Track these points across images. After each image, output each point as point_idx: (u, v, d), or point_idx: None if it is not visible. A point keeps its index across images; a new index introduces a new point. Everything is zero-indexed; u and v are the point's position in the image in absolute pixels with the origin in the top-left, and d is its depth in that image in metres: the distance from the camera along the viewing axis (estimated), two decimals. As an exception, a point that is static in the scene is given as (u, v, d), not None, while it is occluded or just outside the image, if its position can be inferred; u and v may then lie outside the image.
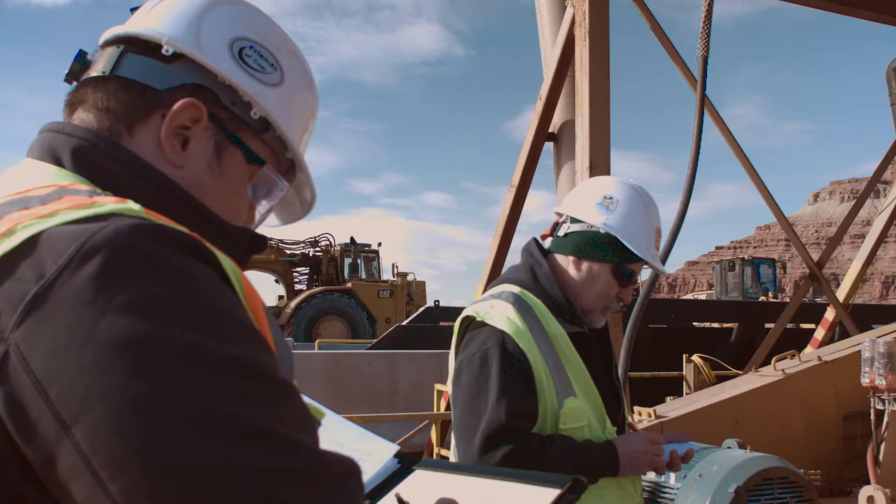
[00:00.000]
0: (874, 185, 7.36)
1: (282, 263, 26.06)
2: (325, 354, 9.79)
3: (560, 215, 2.25)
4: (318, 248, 26.33)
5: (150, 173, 0.96)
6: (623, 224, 2.13)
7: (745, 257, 25.91)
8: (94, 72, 1.03)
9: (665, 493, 3.70)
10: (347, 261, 25.86)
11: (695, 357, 7.69)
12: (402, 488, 1.33)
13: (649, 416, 4.63)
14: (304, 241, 26.44)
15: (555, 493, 1.17)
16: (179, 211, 0.94)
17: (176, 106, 0.99)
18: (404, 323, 14.80)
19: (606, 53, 5.71)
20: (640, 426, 4.56)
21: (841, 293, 8.05)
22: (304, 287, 25.93)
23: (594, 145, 5.52)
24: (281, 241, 26.32)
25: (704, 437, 3.97)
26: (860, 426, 5.14)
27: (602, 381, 2.14)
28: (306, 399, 0.92)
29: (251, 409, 0.73)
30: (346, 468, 0.81)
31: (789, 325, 12.46)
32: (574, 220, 2.18)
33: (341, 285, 24.94)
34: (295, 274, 26.40)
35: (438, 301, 21.23)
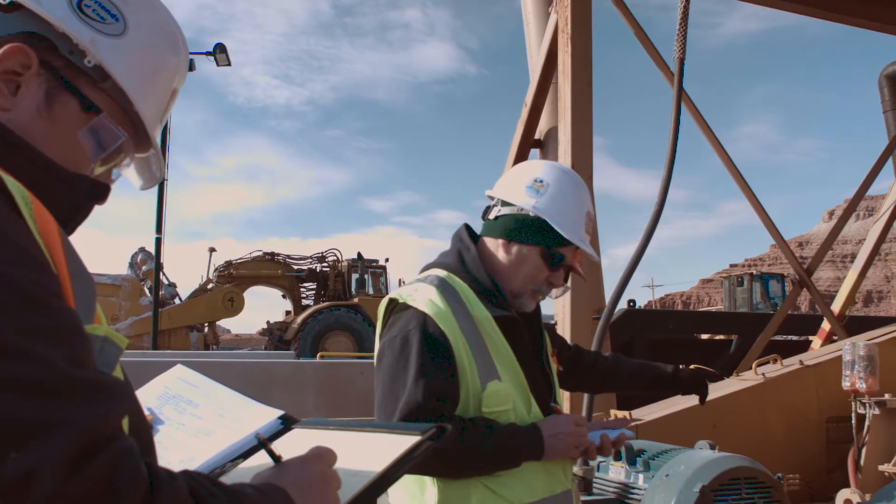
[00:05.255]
0: (864, 193, 7.30)
1: (289, 279, 26.15)
2: (317, 364, 9.79)
3: (492, 199, 2.24)
4: (325, 264, 26.40)
5: None
6: (552, 207, 2.11)
7: (754, 273, 25.71)
8: None
9: (633, 493, 3.67)
10: (354, 276, 25.88)
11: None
12: (279, 444, 1.35)
13: (625, 419, 4.59)
14: (311, 257, 26.55)
15: (415, 439, 1.21)
16: (2, 151, 0.96)
17: (0, 51, 1.01)
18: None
19: (589, 59, 5.72)
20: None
21: (836, 304, 8.00)
22: (311, 302, 25.98)
23: (576, 150, 5.52)
24: (288, 256, 26.45)
25: (681, 440, 3.93)
26: (843, 431, 5.08)
27: (531, 365, 2.12)
28: (112, 328, 0.93)
29: None
30: (95, 384, 0.81)
31: (796, 338, 12.34)
32: (504, 204, 2.17)
33: (348, 301, 24.95)
34: (302, 289, 26.47)
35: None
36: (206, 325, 24.76)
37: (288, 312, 26.49)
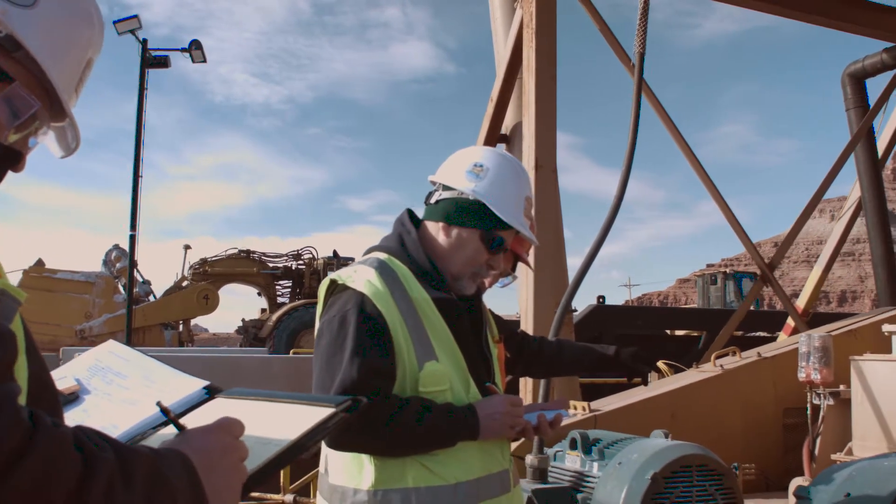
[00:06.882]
0: (825, 191, 7.40)
1: (264, 276, 26.03)
2: (284, 358, 9.78)
3: (434, 184, 2.27)
4: (300, 262, 26.32)
5: None
6: (491, 191, 2.15)
7: (728, 271, 25.85)
8: None
9: (587, 481, 3.71)
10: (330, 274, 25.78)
11: (659, 363, 7.69)
12: (197, 412, 1.39)
13: (584, 409, 4.64)
14: (286, 255, 26.45)
15: (328, 411, 1.26)
16: None
17: None
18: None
19: (553, 54, 5.76)
20: (572, 420, 4.56)
21: (801, 300, 8.11)
22: (286, 300, 25.90)
23: (540, 143, 5.56)
24: (263, 254, 26.35)
25: (640, 430, 3.98)
26: (799, 421, 5.15)
27: (469, 346, 2.15)
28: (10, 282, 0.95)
29: None
30: None
31: (766, 334, 12.43)
32: (446, 188, 2.21)
33: (323, 298, 24.83)
34: (277, 287, 26.37)
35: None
36: (181, 322, 24.62)
37: (263, 310, 26.37)
